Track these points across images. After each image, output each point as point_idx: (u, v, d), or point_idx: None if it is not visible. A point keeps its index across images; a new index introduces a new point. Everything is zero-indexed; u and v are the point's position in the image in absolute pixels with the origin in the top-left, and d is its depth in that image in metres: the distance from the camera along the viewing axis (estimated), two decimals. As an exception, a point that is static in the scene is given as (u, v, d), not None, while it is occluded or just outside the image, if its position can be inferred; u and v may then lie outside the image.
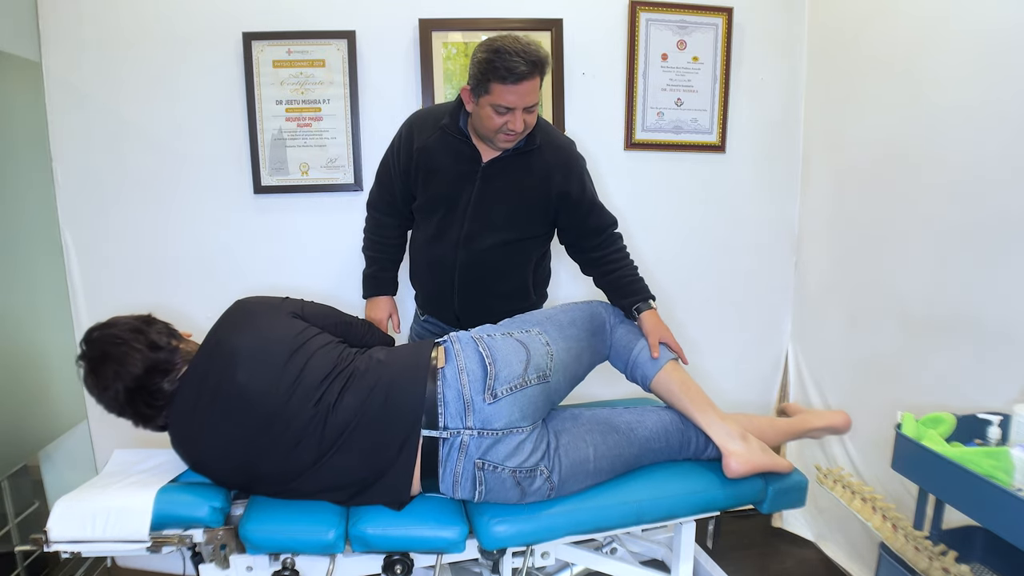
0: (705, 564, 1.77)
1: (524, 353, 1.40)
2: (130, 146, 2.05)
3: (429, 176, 1.69)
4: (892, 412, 1.45)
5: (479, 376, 1.35)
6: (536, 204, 1.70)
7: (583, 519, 1.39)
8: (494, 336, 1.44)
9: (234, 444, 1.30)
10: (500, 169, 1.66)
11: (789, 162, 2.38)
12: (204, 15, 2.02)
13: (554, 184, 1.68)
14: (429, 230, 1.73)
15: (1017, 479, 1.18)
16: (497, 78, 1.48)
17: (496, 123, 1.54)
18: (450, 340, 1.44)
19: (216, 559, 1.33)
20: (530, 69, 1.48)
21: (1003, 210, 1.54)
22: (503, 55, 1.47)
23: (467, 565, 1.64)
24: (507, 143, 1.60)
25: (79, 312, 2.09)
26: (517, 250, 1.74)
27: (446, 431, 1.32)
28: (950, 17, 1.68)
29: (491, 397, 1.33)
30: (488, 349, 1.39)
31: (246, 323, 1.38)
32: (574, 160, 1.72)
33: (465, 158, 1.66)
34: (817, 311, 2.31)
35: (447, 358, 1.38)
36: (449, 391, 1.34)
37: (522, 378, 1.36)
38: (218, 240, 2.13)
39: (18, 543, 1.73)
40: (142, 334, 1.33)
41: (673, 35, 2.22)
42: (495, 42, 1.49)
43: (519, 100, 1.50)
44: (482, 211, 1.67)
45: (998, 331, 1.57)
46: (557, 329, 1.51)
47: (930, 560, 1.29)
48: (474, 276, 1.72)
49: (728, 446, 1.48)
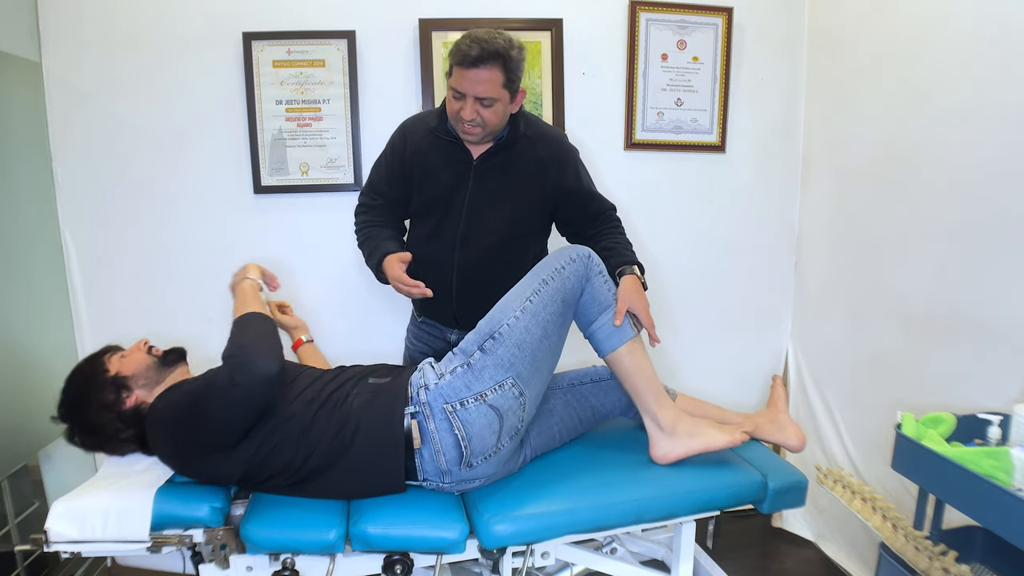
0: (705, 564, 1.77)
1: (497, 423, 1.40)
2: (130, 146, 2.05)
3: (425, 180, 1.69)
4: (892, 412, 1.45)
5: (455, 456, 1.39)
6: (532, 199, 1.70)
7: (583, 518, 1.39)
8: (467, 404, 1.39)
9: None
10: (491, 166, 1.66)
11: (789, 162, 2.38)
12: (204, 15, 2.02)
13: (549, 177, 1.68)
14: (425, 232, 1.73)
15: (1017, 479, 1.18)
16: (455, 60, 1.52)
17: (453, 107, 1.57)
18: (422, 414, 1.39)
19: (216, 559, 1.34)
20: (480, 55, 1.48)
21: (1003, 210, 1.54)
22: (467, 39, 1.51)
23: (467, 565, 1.64)
24: (467, 135, 1.61)
25: (79, 312, 2.09)
26: (515, 248, 1.72)
27: (426, 482, 1.42)
28: (950, 17, 1.68)
29: (467, 467, 1.40)
30: (462, 427, 1.38)
31: None
32: (567, 152, 1.73)
33: (456, 158, 1.66)
34: (817, 311, 2.31)
35: (423, 438, 1.39)
36: (427, 465, 1.40)
37: (495, 447, 1.42)
38: (218, 240, 2.12)
39: (18, 543, 1.73)
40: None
41: (673, 35, 2.22)
42: (475, 31, 1.53)
43: (470, 87, 1.52)
44: (477, 210, 1.67)
45: (998, 331, 1.57)
46: (530, 357, 1.44)
47: (930, 560, 1.29)
48: (472, 277, 1.70)
49: (652, 436, 1.55)
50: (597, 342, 1.55)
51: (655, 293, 1.84)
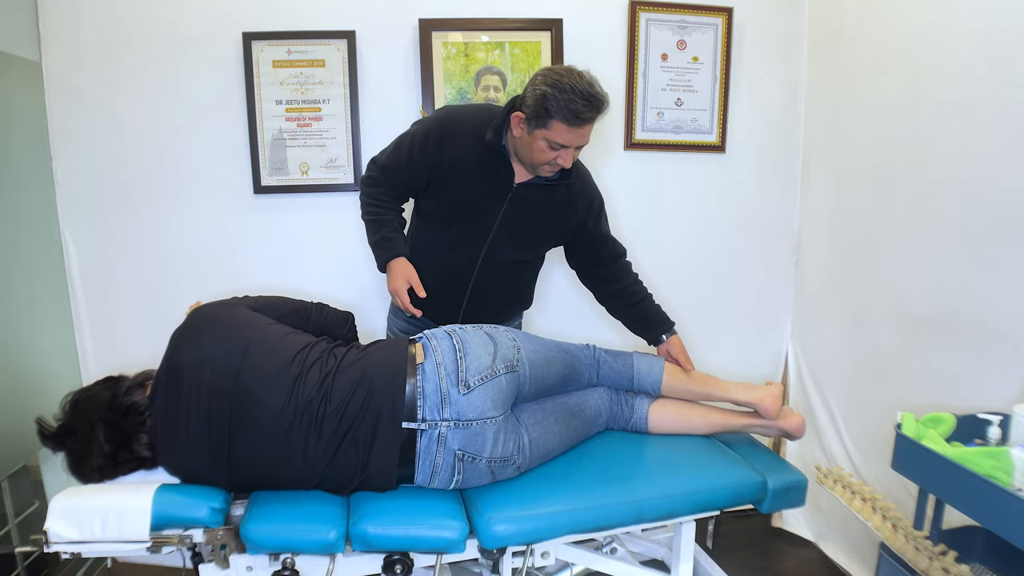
0: (705, 564, 1.77)
1: (492, 345, 1.47)
2: (130, 146, 2.05)
3: (458, 186, 1.66)
4: (892, 412, 1.45)
5: (452, 368, 1.41)
6: (557, 230, 1.76)
7: (583, 518, 1.39)
8: (465, 329, 1.52)
9: (202, 443, 1.33)
10: (531, 194, 1.68)
11: (789, 162, 2.38)
12: (204, 15, 2.02)
13: (576, 214, 1.73)
14: (444, 238, 1.72)
15: (1017, 479, 1.18)
16: (561, 118, 1.48)
17: (547, 156, 1.55)
18: (426, 336, 1.49)
19: (216, 559, 1.33)
20: (595, 116, 1.51)
21: (1003, 210, 1.54)
22: (571, 95, 1.46)
23: (467, 565, 1.64)
24: (549, 173, 1.62)
25: (79, 312, 2.09)
26: (528, 269, 1.84)
27: (424, 423, 1.37)
28: (949, 16, 1.68)
29: (465, 388, 1.40)
30: (460, 341, 1.45)
31: (199, 332, 1.40)
32: (596, 195, 1.78)
33: (499, 177, 1.65)
34: (817, 311, 2.31)
35: (426, 353, 1.44)
36: (428, 384, 1.39)
37: (491, 368, 1.43)
38: (218, 240, 2.12)
39: (18, 543, 1.73)
40: (98, 382, 1.40)
41: (673, 35, 2.22)
42: (562, 78, 1.48)
43: (577, 140, 1.53)
44: (508, 231, 1.69)
45: (998, 331, 1.57)
46: (526, 335, 1.60)
47: (930, 560, 1.29)
48: (487, 288, 1.74)
49: (752, 399, 1.67)
50: (645, 378, 1.70)
51: (655, 292, 1.85)
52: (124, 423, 1.34)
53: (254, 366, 1.34)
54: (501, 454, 1.42)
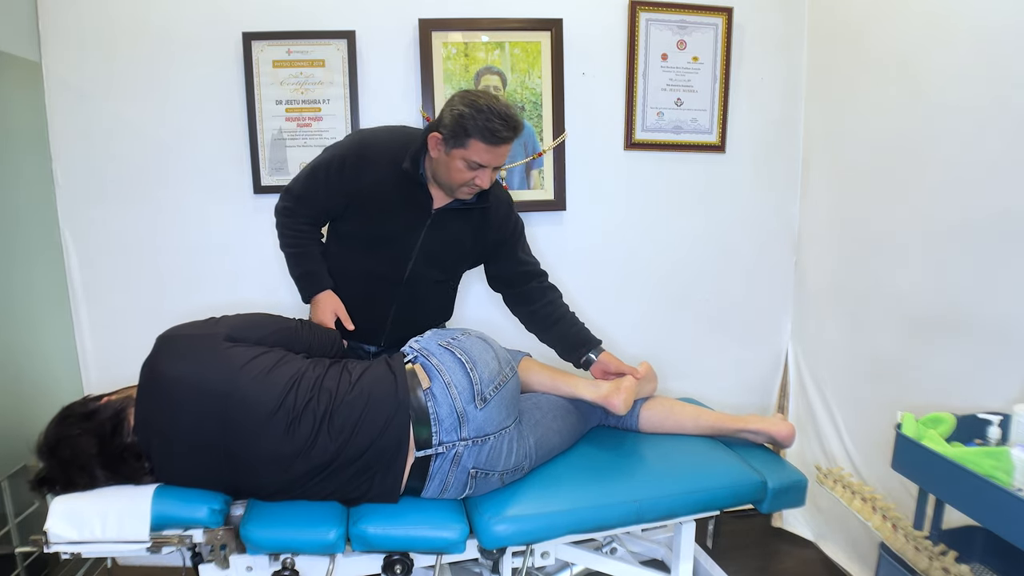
0: (705, 564, 1.77)
1: (490, 348, 1.45)
2: (130, 146, 2.05)
3: (378, 214, 1.65)
4: (892, 412, 1.45)
5: (465, 384, 1.37)
6: (475, 252, 1.78)
7: (583, 518, 1.39)
8: (458, 337, 1.46)
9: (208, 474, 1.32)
10: (449, 219, 1.68)
11: (789, 162, 2.38)
12: (204, 15, 2.02)
13: (492, 234, 1.75)
14: (364, 263, 1.70)
15: (1017, 479, 1.18)
16: (479, 136, 1.49)
17: (465, 176, 1.56)
18: (421, 355, 1.44)
19: (216, 559, 1.33)
20: (511, 136, 1.52)
21: (1003, 210, 1.54)
22: (488, 115, 1.48)
23: (467, 565, 1.64)
24: (467, 195, 1.63)
25: (79, 312, 2.09)
26: (450, 288, 1.84)
27: (441, 446, 1.35)
28: (950, 16, 1.68)
29: (482, 402, 1.36)
30: (464, 352, 1.41)
31: (179, 356, 1.32)
32: (515, 219, 1.80)
33: (417, 204, 1.65)
34: (817, 311, 2.31)
35: (430, 376, 1.38)
36: (442, 409, 1.35)
37: (500, 373, 1.41)
38: (218, 240, 2.12)
39: (18, 543, 1.73)
40: (68, 420, 1.33)
41: (673, 35, 2.22)
42: (479, 99, 1.50)
43: (494, 160, 1.54)
44: (428, 255, 1.69)
45: (998, 331, 1.57)
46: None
47: (930, 560, 1.29)
48: (410, 310, 1.74)
49: (597, 398, 1.63)
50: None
51: (655, 293, 1.85)
52: (124, 469, 1.31)
53: (238, 425, 1.27)
54: (514, 464, 1.41)
